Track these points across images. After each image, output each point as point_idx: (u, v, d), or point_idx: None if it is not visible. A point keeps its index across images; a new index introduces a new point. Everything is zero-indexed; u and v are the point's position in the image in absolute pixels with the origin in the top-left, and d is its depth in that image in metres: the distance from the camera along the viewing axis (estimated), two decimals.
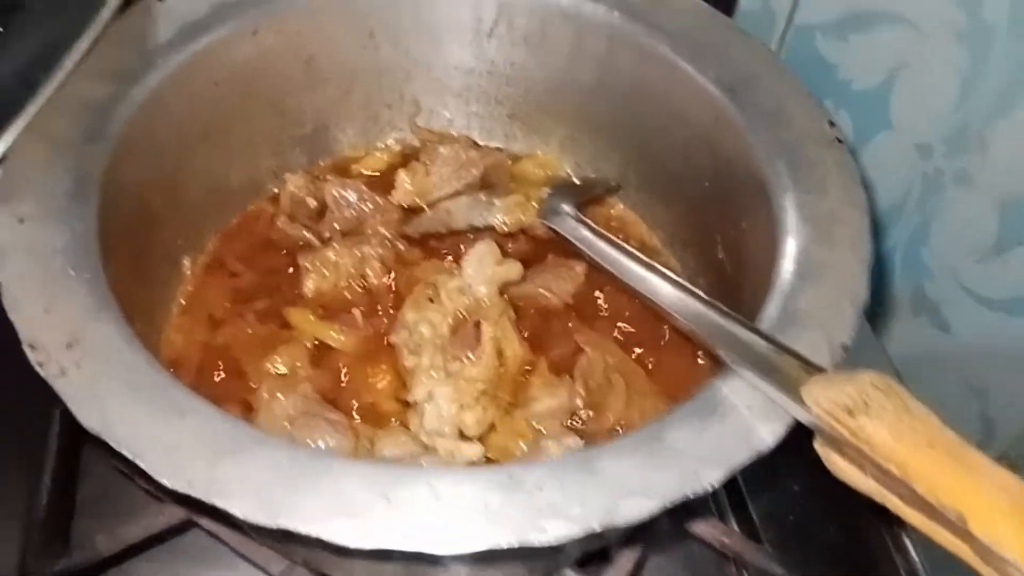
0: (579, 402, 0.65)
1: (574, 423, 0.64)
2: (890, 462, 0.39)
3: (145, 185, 0.64)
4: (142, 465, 0.43)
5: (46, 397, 0.47)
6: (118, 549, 0.63)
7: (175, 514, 0.63)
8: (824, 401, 0.42)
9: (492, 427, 0.63)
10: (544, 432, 0.62)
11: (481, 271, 0.66)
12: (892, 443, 0.39)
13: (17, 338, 0.49)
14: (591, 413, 0.65)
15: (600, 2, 0.71)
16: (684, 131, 0.70)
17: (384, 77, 0.78)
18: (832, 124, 0.63)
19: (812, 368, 0.46)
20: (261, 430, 0.58)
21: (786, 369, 0.46)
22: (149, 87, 0.63)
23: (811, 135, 0.62)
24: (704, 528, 0.67)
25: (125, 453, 0.43)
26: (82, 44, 0.61)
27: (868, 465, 0.40)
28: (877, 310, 0.96)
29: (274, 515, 0.42)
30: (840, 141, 0.62)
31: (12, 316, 0.49)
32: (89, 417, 0.44)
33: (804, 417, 0.44)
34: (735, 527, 0.71)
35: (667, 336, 0.69)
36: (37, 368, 0.47)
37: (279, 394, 0.62)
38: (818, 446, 0.44)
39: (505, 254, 0.70)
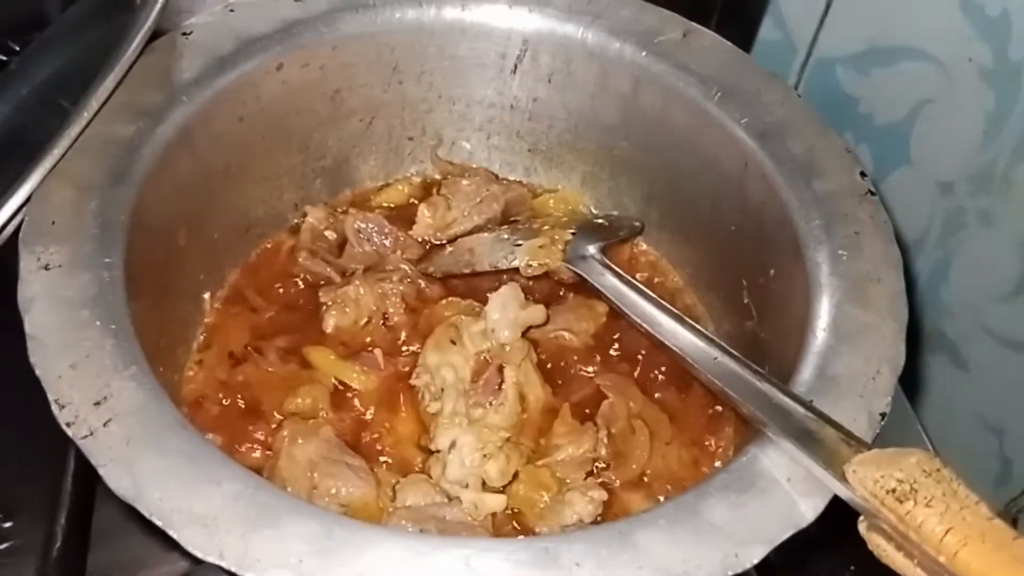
0: (603, 451, 0.64)
1: (596, 469, 0.64)
2: (940, 553, 0.38)
3: (170, 223, 0.64)
4: (174, 536, 0.42)
5: (62, 432, 0.46)
6: None
7: None
8: (870, 483, 0.42)
9: (515, 476, 0.62)
10: (568, 483, 0.61)
11: (505, 316, 0.65)
12: (942, 533, 0.38)
13: (33, 372, 0.48)
14: (614, 462, 0.64)
15: (626, 42, 0.71)
16: (711, 174, 0.69)
17: (407, 110, 0.77)
18: (864, 175, 0.63)
19: (854, 442, 0.46)
20: (285, 478, 0.59)
21: (827, 442, 0.46)
22: (174, 124, 0.63)
23: (844, 187, 0.62)
24: None
25: (157, 523, 0.42)
26: (108, 83, 0.60)
27: (916, 552, 0.40)
28: None
29: None
30: (872, 193, 0.61)
31: (39, 372, 0.48)
32: (119, 483, 0.44)
33: (848, 496, 0.44)
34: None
35: (690, 380, 0.69)
36: (65, 428, 0.46)
37: (300, 438, 0.62)
38: (863, 529, 0.43)
39: (526, 293, 0.69)
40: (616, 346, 0.71)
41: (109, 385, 0.48)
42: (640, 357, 0.70)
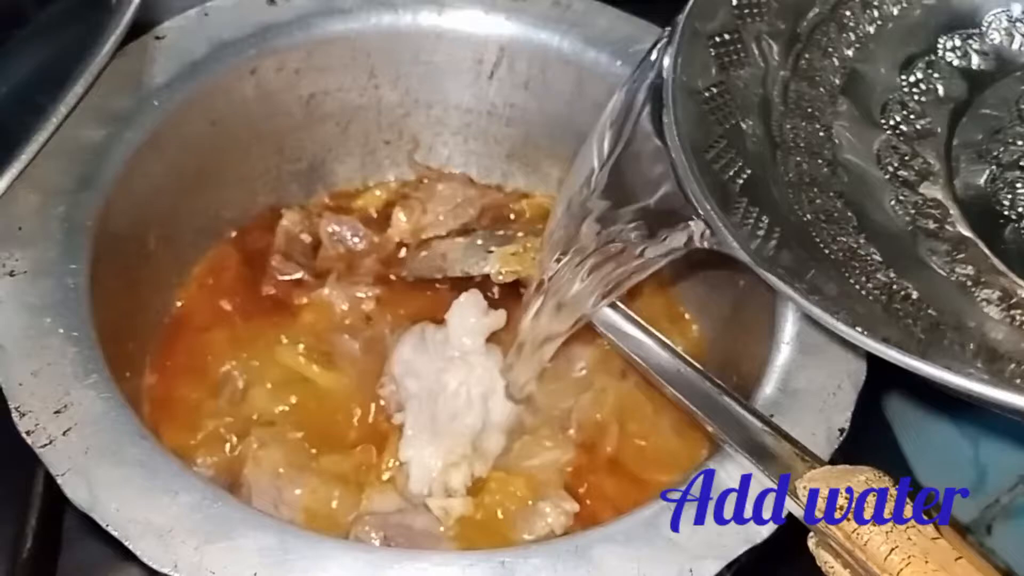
0: (574, 455, 0.64)
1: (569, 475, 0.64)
2: (884, 571, 0.39)
3: (139, 227, 0.64)
4: (129, 546, 0.42)
5: None
6: None
7: None
8: (818, 499, 0.42)
9: (486, 483, 0.62)
10: (540, 492, 0.61)
11: (464, 323, 0.65)
12: (887, 552, 0.39)
13: None
14: (586, 466, 0.64)
15: (602, 51, 0.71)
16: None
17: (383, 115, 0.77)
18: None
19: (809, 459, 0.46)
20: (250, 483, 0.60)
21: (783, 458, 0.46)
22: (145, 129, 0.62)
23: None
24: None
25: (113, 533, 0.43)
26: (78, 88, 0.60)
27: (862, 570, 0.40)
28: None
29: None
30: None
31: (0, 379, 0.48)
32: (77, 492, 0.44)
33: (799, 513, 0.44)
34: None
35: None
36: (25, 437, 0.46)
37: (268, 443, 0.62)
38: (812, 545, 0.44)
39: (502, 296, 0.69)
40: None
41: (70, 393, 0.48)
42: (613, 359, 0.70)
